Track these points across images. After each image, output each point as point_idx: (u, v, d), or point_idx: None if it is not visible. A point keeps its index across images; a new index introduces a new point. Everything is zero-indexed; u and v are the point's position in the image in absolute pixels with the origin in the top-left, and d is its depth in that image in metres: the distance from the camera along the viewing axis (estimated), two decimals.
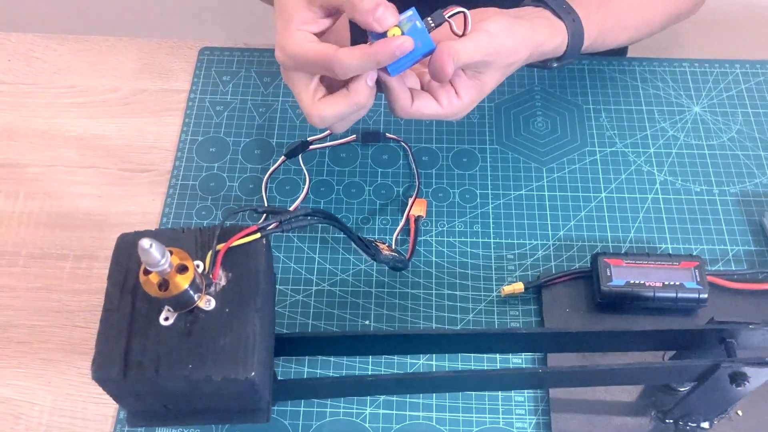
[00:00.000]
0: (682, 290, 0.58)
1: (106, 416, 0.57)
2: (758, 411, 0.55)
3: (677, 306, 0.58)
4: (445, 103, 0.53)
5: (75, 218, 0.67)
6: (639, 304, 0.59)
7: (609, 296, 0.58)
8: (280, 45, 0.50)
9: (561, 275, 0.61)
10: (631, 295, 0.58)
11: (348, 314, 0.61)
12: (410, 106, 0.52)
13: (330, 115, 0.51)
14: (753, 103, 0.73)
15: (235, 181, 0.68)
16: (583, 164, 0.69)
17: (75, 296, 0.62)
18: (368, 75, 0.50)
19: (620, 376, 0.49)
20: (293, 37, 0.49)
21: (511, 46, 0.53)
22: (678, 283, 0.58)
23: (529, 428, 0.56)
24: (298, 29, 0.50)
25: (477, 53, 0.51)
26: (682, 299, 0.58)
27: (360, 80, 0.50)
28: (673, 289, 0.58)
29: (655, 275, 0.58)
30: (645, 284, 0.58)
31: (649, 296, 0.58)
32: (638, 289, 0.58)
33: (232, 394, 0.42)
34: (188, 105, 0.73)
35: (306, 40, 0.50)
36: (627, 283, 0.58)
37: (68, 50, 0.78)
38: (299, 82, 0.51)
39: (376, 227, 0.66)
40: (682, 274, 0.58)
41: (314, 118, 0.51)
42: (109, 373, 0.40)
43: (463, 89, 0.53)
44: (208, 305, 0.42)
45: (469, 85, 0.54)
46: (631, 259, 0.59)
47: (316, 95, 0.51)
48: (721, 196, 0.67)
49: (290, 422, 0.56)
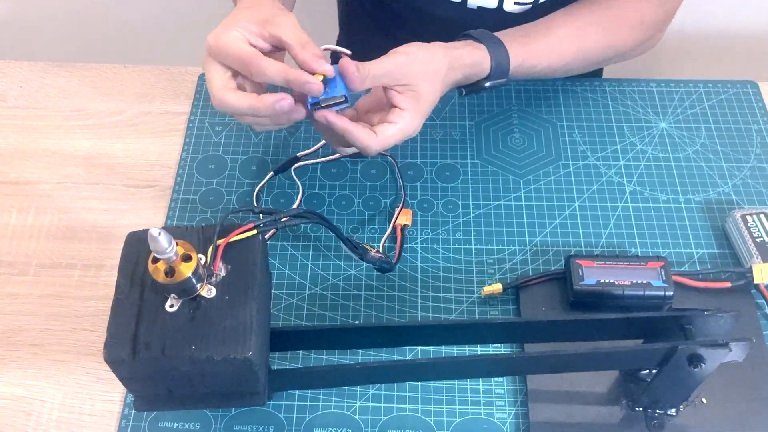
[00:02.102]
0: (649, 288, 0.62)
1: (112, 412, 0.61)
2: (721, 399, 0.59)
3: (645, 303, 0.63)
4: (396, 119, 0.59)
5: (83, 231, 0.71)
6: (609, 302, 0.63)
7: (581, 294, 0.63)
8: (215, 33, 0.57)
9: (537, 277, 0.66)
10: (602, 293, 0.62)
11: (339, 316, 0.65)
12: (375, 137, 0.58)
13: (230, 104, 0.57)
14: (715, 119, 0.78)
15: (233, 195, 0.73)
16: (557, 176, 0.74)
17: (83, 302, 0.67)
18: (280, 95, 0.56)
19: (590, 360, 0.53)
20: (231, 32, 0.57)
21: (425, 55, 0.61)
22: (645, 281, 0.62)
23: (508, 418, 0.60)
24: (239, 29, 0.57)
25: (387, 64, 0.58)
26: (649, 296, 0.62)
27: (272, 96, 0.56)
28: (641, 288, 0.62)
29: (624, 275, 0.63)
30: (615, 283, 0.63)
31: (618, 294, 0.62)
32: (608, 287, 0.62)
33: (231, 375, 0.46)
34: (189, 126, 0.78)
35: (240, 40, 0.57)
36: (598, 282, 0.63)
37: (76, 77, 0.84)
38: (215, 69, 0.58)
39: (365, 236, 0.70)
40: (649, 274, 0.63)
41: (215, 101, 0.57)
42: (120, 354, 0.44)
43: (402, 102, 0.60)
44: (210, 293, 0.46)
45: (404, 98, 0.60)
46: (602, 260, 0.64)
47: (226, 84, 0.58)
48: (687, 204, 0.72)
49: (285, 416, 0.60)
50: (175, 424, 0.60)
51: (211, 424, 0.60)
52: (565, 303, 0.65)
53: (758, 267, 0.64)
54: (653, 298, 0.62)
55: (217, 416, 0.60)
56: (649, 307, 0.63)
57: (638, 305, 0.63)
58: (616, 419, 0.59)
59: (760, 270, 0.64)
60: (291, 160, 0.74)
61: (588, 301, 0.63)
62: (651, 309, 0.63)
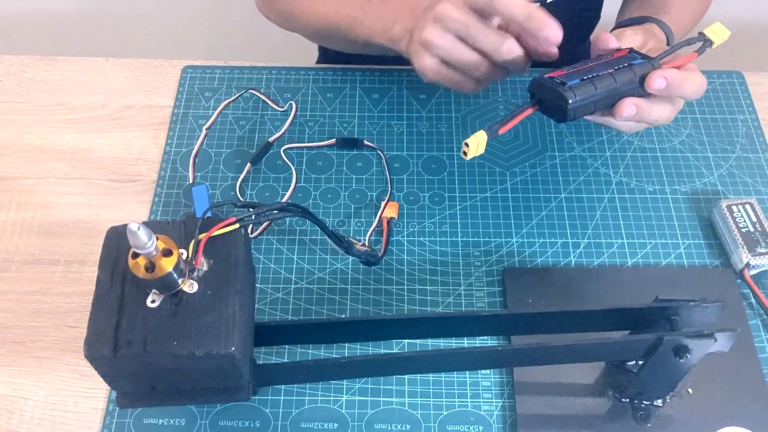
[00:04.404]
0: (636, 68, 0.56)
1: (96, 409, 0.60)
2: (707, 389, 0.59)
3: (640, 88, 0.56)
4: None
5: (65, 226, 0.70)
6: (605, 99, 0.55)
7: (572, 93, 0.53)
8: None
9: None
10: (594, 86, 0.54)
11: (325, 310, 0.65)
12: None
13: (449, 17, 0.58)
14: (701, 110, 0.78)
15: (217, 189, 0.72)
16: (543, 168, 0.74)
17: (66, 298, 0.66)
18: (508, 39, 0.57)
19: (576, 352, 0.53)
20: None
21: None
22: (626, 64, 0.56)
23: (495, 410, 0.60)
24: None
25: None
26: (641, 74, 0.55)
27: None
28: (628, 70, 0.56)
29: (601, 68, 0.56)
30: (600, 74, 0.55)
31: (611, 83, 0.55)
32: (596, 80, 0.54)
33: (214, 370, 0.46)
34: (172, 119, 0.78)
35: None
36: (582, 80, 0.54)
37: (58, 70, 0.83)
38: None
39: (351, 229, 0.70)
40: (623, 59, 0.57)
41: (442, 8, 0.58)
42: (101, 350, 0.44)
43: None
44: (192, 288, 0.45)
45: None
46: (570, 67, 0.57)
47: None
48: (673, 195, 0.72)
49: (271, 410, 0.60)
50: (160, 420, 0.59)
51: (197, 420, 0.59)
52: (552, 292, 0.64)
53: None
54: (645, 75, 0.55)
55: (203, 412, 0.60)
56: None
57: (632, 91, 0.56)
58: (602, 410, 0.59)
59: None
60: (265, 147, 0.74)
61: (581, 104, 0.54)
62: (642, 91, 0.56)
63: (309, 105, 0.79)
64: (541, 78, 0.56)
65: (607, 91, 0.55)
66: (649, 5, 0.73)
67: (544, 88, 0.55)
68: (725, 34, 0.60)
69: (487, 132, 0.54)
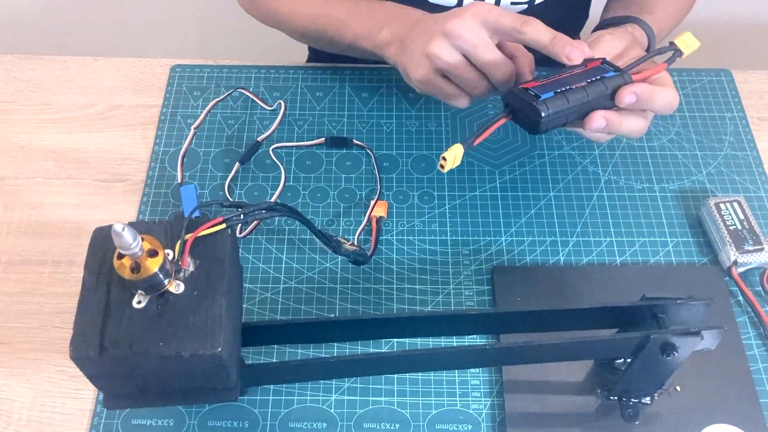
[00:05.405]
0: (607, 81, 0.56)
1: (84, 410, 0.60)
2: (695, 386, 0.60)
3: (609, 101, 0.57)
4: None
5: (53, 226, 0.70)
6: (576, 110, 0.56)
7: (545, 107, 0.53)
8: (462, 8, 0.60)
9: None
10: (566, 99, 0.55)
11: (314, 309, 0.65)
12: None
13: (460, 36, 0.59)
14: (690, 107, 0.78)
15: (206, 188, 0.72)
16: (532, 166, 0.74)
17: (54, 299, 0.66)
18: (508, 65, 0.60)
19: (564, 351, 0.53)
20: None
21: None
22: (598, 76, 0.57)
23: (484, 409, 0.60)
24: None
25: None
26: (612, 88, 0.56)
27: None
28: (600, 83, 0.56)
29: (574, 80, 0.56)
30: (572, 87, 0.55)
31: (582, 96, 0.55)
32: (568, 93, 0.55)
33: (201, 371, 0.45)
34: (161, 119, 0.77)
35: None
36: (555, 93, 0.55)
37: (46, 70, 0.82)
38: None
39: (341, 228, 0.70)
40: (597, 71, 0.57)
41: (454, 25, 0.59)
42: (87, 351, 0.43)
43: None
44: (178, 289, 0.45)
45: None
46: (543, 78, 0.57)
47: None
48: (662, 193, 0.72)
49: (260, 410, 0.60)
50: (149, 420, 0.59)
51: (185, 420, 0.59)
52: (540, 291, 0.65)
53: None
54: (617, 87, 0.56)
55: (191, 412, 0.59)
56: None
57: (603, 104, 0.56)
58: (591, 408, 0.59)
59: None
60: (253, 146, 0.74)
61: (554, 117, 0.55)
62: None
63: (298, 104, 0.79)
64: (516, 89, 0.56)
65: (579, 104, 0.56)
66: (633, 4, 0.73)
67: (518, 100, 0.56)
68: (695, 45, 0.61)
69: (463, 145, 0.54)
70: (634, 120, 0.58)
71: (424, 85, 0.63)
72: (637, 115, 0.58)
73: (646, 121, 0.59)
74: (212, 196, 0.72)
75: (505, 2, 0.77)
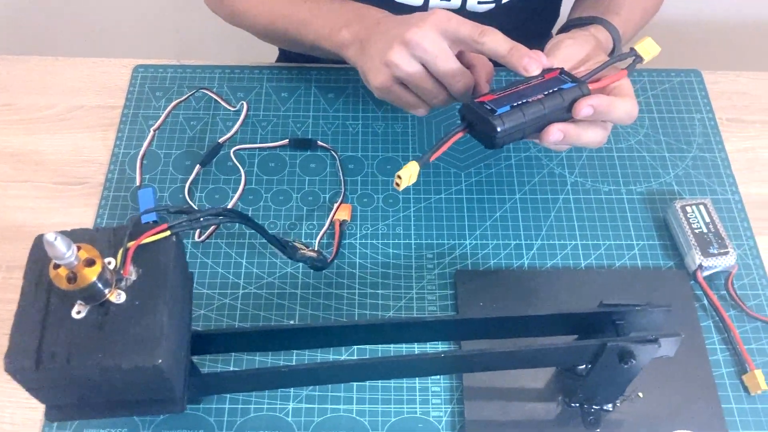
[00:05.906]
0: (565, 93, 0.55)
1: (34, 420, 0.59)
2: (658, 393, 0.59)
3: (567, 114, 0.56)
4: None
5: (9, 231, 0.68)
6: (532, 124, 0.54)
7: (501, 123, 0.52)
8: (423, 16, 0.59)
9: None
10: (523, 113, 0.53)
11: (273, 315, 0.64)
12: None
13: (420, 47, 0.58)
14: (659, 108, 0.78)
15: (166, 191, 0.71)
16: (498, 168, 0.73)
17: (5, 306, 0.64)
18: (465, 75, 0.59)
19: (523, 358, 0.53)
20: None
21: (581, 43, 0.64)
22: (556, 88, 0.56)
23: (444, 416, 0.59)
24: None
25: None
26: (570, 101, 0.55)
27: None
28: (557, 95, 0.55)
29: (532, 93, 0.56)
30: (529, 101, 0.54)
31: (539, 109, 0.54)
32: (525, 107, 0.53)
33: (143, 383, 0.44)
34: (122, 120, 0.76)
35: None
36: (512, 106, 0.54)
37: (6, 70, 0.80)
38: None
39: (303, 232, 0.69)
40: (554, 82, 0.56)
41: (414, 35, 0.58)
42: (22, 364, 0.42)
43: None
44: (119, 299, 0.44)
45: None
46: (500, 91, 0.56)
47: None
48: (628, 195, 0.71)
49: (215, 419, 0.58)
50: (101, 430, 0.58)
51: (139, 429, 0.58)
52: (503, 295, 0.64)
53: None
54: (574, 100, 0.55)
55: (145, 422, 0.58)
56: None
57: (560, 116, 0.56)
58: (552, 415, 0.58)
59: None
60: (215, 148, 0.73)
61: (510, 132, 0.54)
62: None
63: (263, 104, 0.78)
64: (472, 103, 0.55)
65: (535, 118, 0.55)
66: (599, 4, 0.72)
67: (474, 114, 0.55)
68: (655, 50, 0.60)
69: (418, 162, 0.53)
70: (592, 131, 0.57)
71: (382, 92, 0.62)
72: (596, 126, 0.57)
73: (605, 131, 0.58)
74: (172, 198, 0.70)
75: (471, 1, 0.75)
